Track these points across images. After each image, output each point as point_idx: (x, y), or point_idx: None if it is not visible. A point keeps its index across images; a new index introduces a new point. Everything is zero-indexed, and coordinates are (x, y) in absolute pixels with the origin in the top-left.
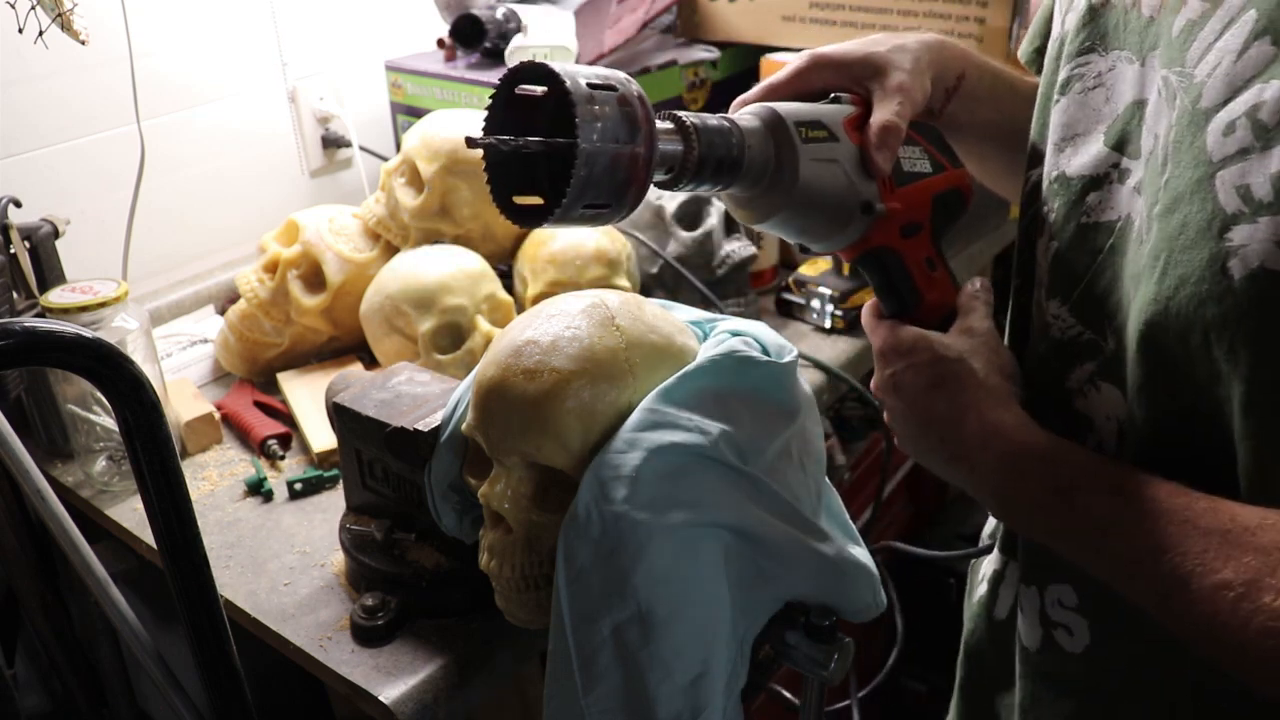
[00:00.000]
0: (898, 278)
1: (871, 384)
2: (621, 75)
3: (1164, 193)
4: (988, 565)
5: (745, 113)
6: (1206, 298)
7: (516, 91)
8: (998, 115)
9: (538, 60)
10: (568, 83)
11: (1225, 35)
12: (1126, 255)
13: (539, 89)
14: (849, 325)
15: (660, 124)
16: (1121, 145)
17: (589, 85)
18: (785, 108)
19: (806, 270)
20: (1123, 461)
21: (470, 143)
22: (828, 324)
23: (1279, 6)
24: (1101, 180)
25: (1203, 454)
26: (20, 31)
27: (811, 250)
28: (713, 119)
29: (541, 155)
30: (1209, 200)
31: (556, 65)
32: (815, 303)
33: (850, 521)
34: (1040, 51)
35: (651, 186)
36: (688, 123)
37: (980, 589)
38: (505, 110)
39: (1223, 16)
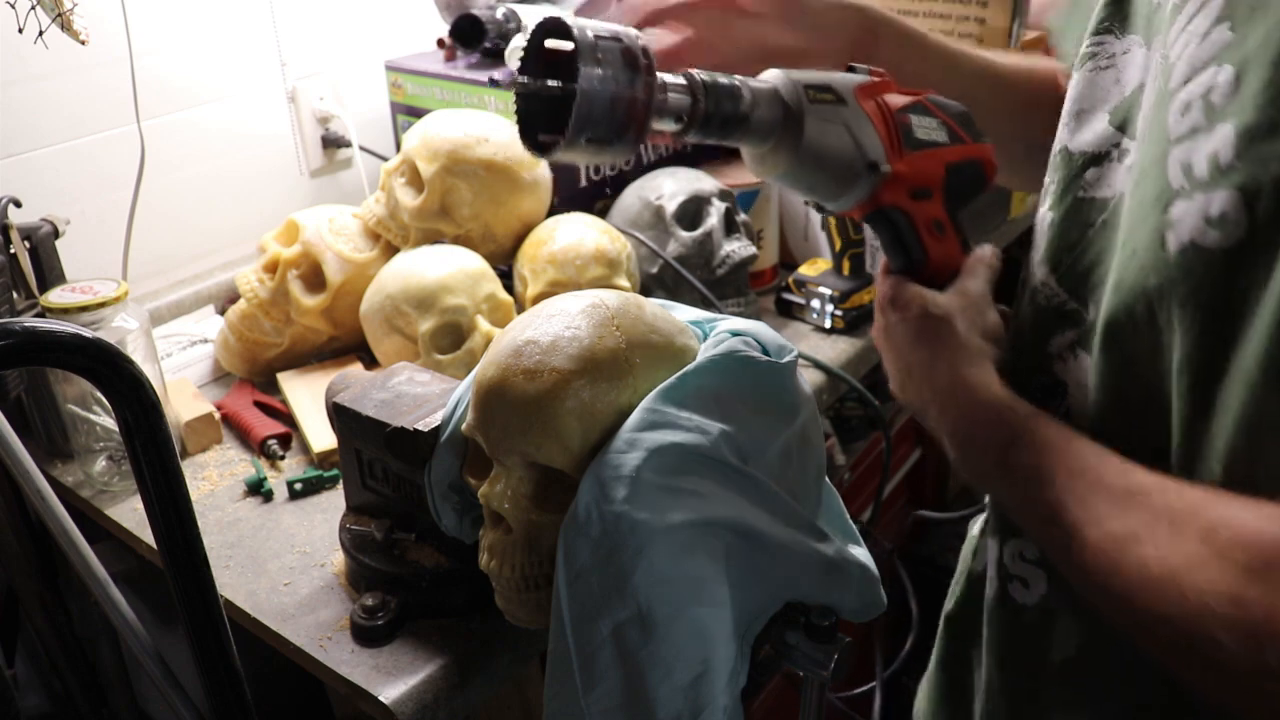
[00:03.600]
0: (907, 237)
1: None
2: (633, 31)
3: (1134, 169)
4: (976, 524)
5: (762, 76)
6: (1149, 269)
7: (546, 45)
8: (907, 73)
9: (559, 15)
10: (575, 32)
11: (1196, 18)
12: (1119, 231)
13: (566, 44)
14: (849, 325)
15: (671, 79)
16: (1124, 126)
17: (596, 36)
18: (799, 74)
19: (806, 270)
20: (1063, 424)
21: (495, 84)
22: (828, 324)
23: None
24: (1102, 158)
25: (1150, 422)
26: (20, 31)
27: (826, 209)
28: (724, 78)
29: (559, 98)
30: (1162, 176)
31: (572, 19)
32: (815, 303)
33: (850, 521)
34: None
35: (671, 143)
36: (698, 79)
37: (967, 548)
38: (538, 63)
39: (1197, 1)
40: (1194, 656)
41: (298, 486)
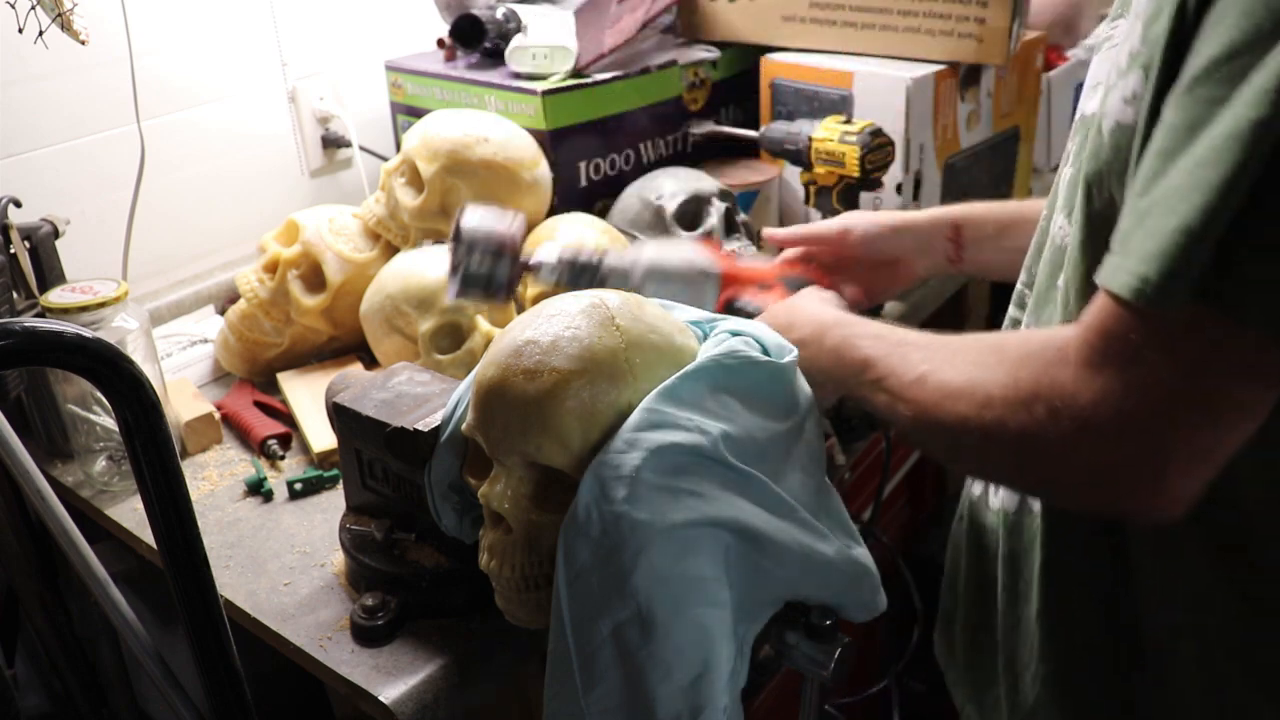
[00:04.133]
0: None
1: None
2: (519, 221)
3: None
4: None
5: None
6: (1094, 155)
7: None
8: (1007, 250)
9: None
10: (464, 233)
11: None
12: None
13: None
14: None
15: (544, 257)
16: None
17: (477, 233)
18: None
19: None
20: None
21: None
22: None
23: None
24: None
25: None
26: (20, 31)
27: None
28: (583, 257)
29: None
30: (1106, 84)
31: (468, 222)
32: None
33: (850, 521)
34: None
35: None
36: (563, 260)
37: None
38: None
39: None
40: (990, 446)
41: (298, 486)
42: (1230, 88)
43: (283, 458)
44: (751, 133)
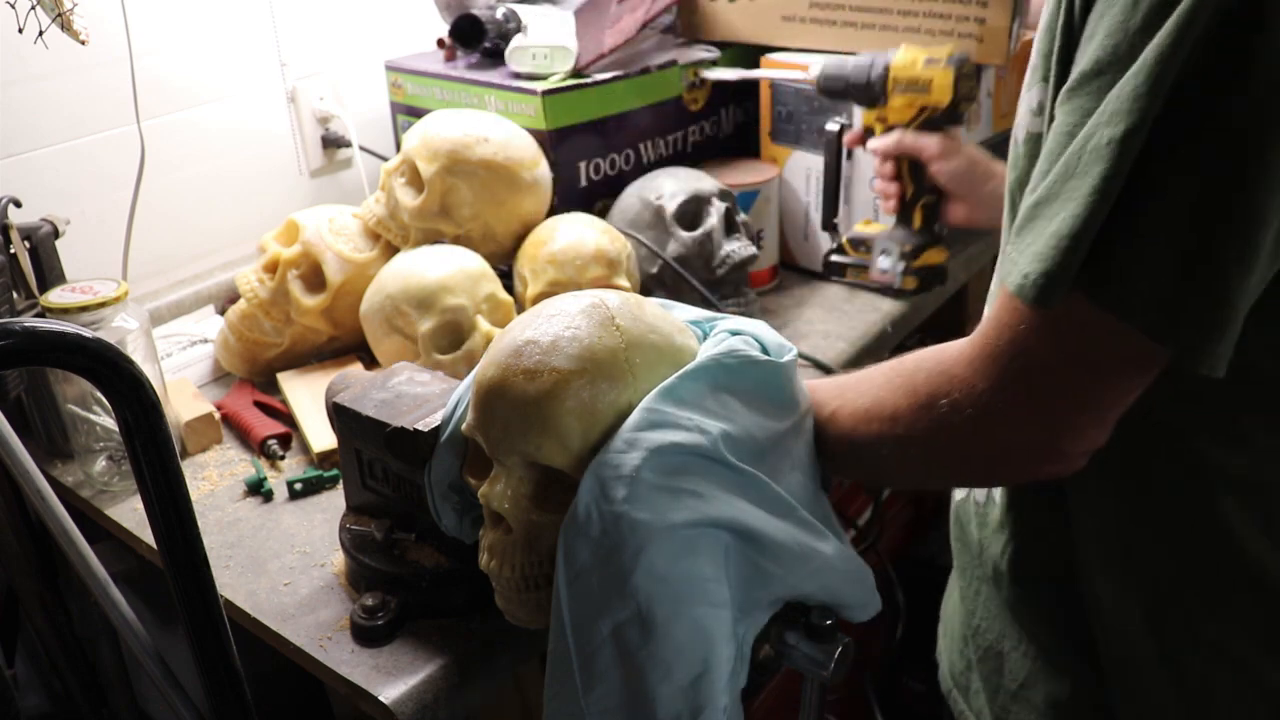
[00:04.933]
0: None
1: None
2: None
3: None
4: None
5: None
6: (1012, 165)
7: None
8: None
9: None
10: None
11: None
12: None
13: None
14: (922, 285)
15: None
16: None
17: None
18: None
19: (861, 228)
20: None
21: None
22: (898, 283)
23: None
24: None
25: None
26: (20, 31)
27: None
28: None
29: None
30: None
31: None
32: (883, 260)
33: (836, 521)
34: None
35: None
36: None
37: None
38: None
39: None
40: (907, 453)
41: (298, 486)
42: (1098, 99)
43: (283, 458)
44: (765, 73)
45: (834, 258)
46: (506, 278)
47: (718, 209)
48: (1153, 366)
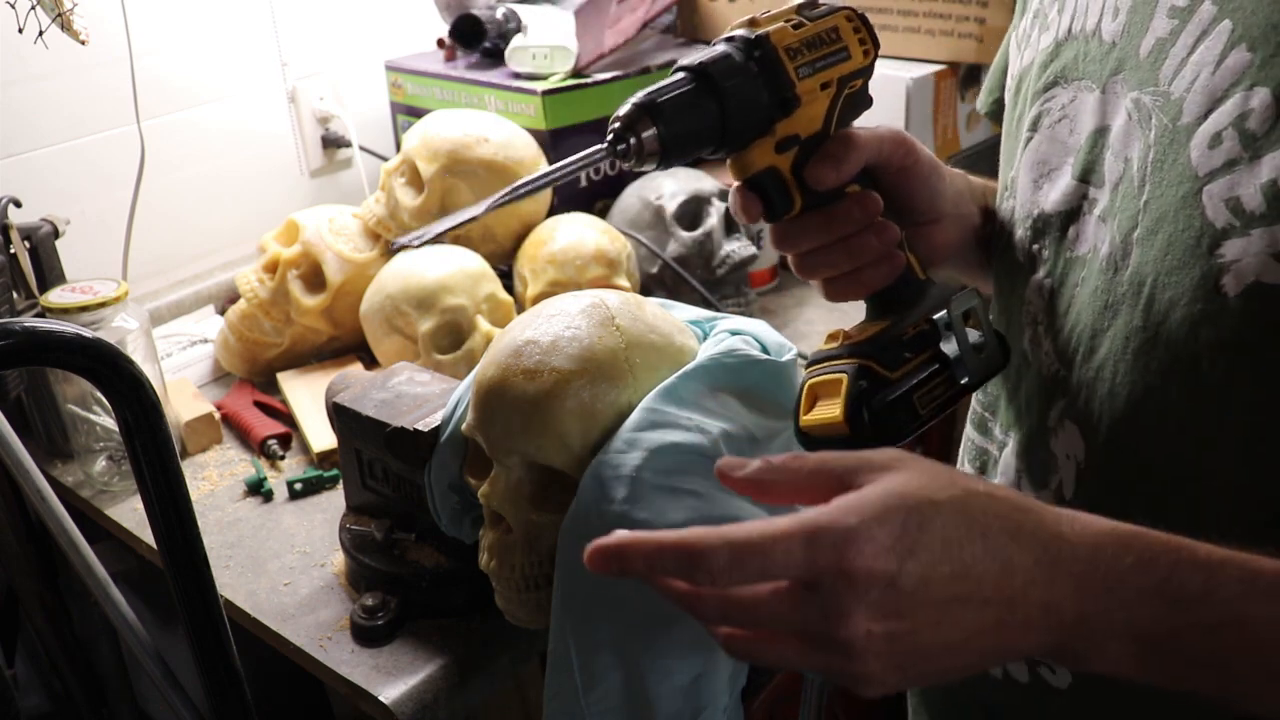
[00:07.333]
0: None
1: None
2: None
3: (1144, 215)
4: None
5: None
6: (1200, 320)
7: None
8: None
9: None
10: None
11: (1199, 49)
12: (1089, 286)
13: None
14: None
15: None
16: (1087, 176)
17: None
18: None
19: None
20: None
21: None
22: None
23: (1254, 13)
24: (1075, 214)
25: (1165, 499)
26: (20, 31)
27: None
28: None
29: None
30: (1196, 216)
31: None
32: None
33: None
34: (999, 102)
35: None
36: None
37: None
38: None
39: (1193, 31)
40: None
41: (298, 486)
42: None
43: (283, 458)
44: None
45: None
46: (506, 278)
47: (717, 209)
48: None
